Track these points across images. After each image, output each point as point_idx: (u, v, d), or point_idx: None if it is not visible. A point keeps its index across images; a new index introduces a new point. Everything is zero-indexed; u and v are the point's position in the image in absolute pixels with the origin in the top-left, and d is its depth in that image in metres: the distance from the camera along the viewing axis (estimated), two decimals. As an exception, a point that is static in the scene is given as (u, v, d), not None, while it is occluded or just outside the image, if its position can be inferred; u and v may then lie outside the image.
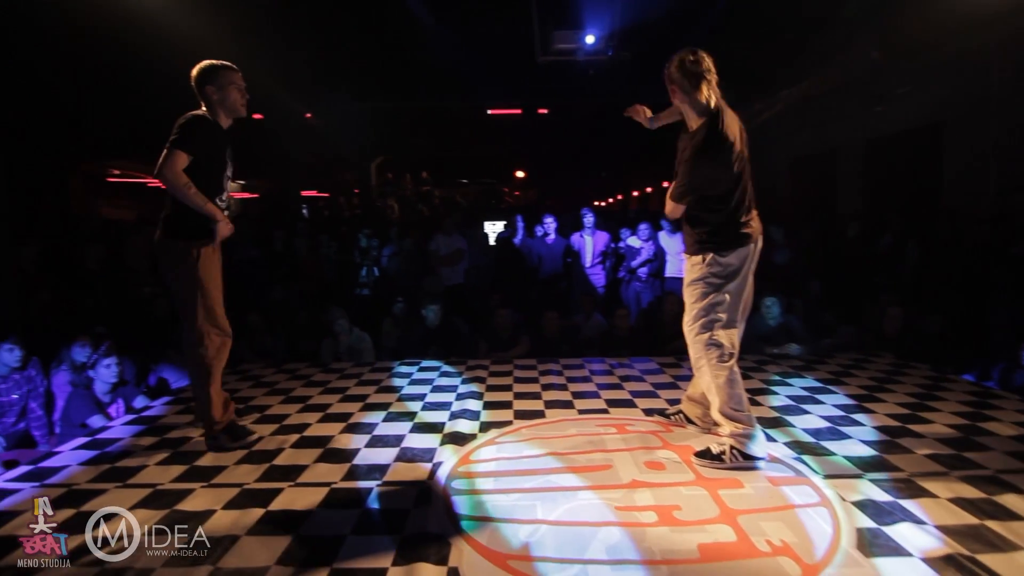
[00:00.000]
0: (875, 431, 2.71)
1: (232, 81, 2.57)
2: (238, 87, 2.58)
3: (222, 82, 2.54)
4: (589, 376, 3.77)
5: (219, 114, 2.58)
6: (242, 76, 2.61)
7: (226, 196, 2.67)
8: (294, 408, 3.16)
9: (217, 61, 2.56)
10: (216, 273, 2.60)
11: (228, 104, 2.56)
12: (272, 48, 7.10)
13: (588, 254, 6.29)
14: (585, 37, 5.68)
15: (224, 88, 2.55)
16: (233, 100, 2.57)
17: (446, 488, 2.16)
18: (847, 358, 4.15)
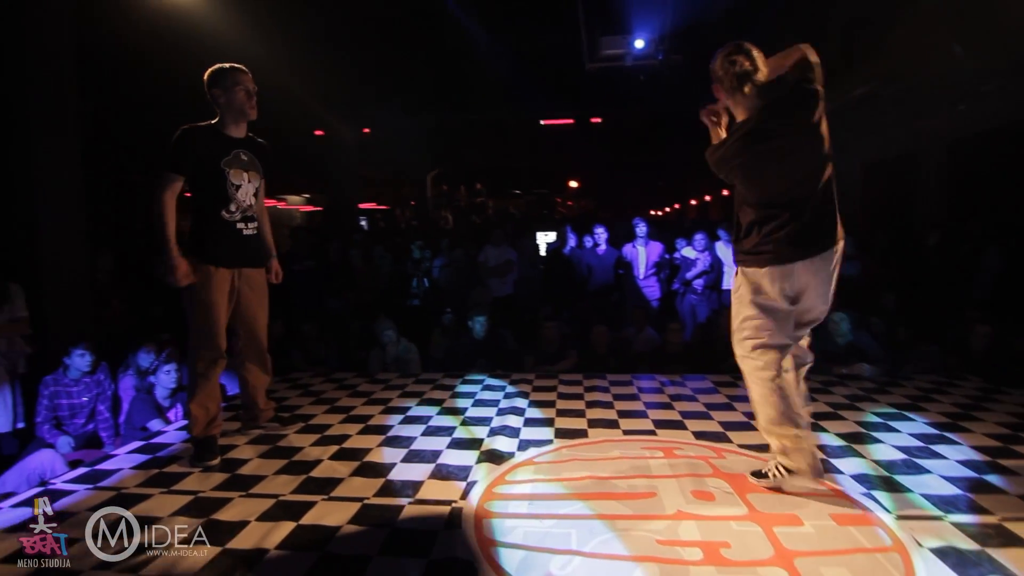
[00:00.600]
0: (959, 465, 2.42)
1: (238, 82, 2.52)
2: (245, 88, 2.54)
3: (228, 83, 2.51)
4: (637, 394, 3.60)
5: (227, 118, 2.55)
6: (252, 78, 2.57)
7: (235, 207, 2.58)
8: (337, 418, 3.18)
9: (226, 64, 2.54)
10: (219, 296, 2.55)
11: (234, 106, 2.53)
12: (331, 66, 7.38)
13: (641, 265, 6.10)
14: (634, 42, 5.53)
15: (230, 90, 2.51)
16: (240, 101, 2.53)
17: (478, 510, 2.08)
18: (927, 381, 3.78)
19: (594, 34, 5.66)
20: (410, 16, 6.31)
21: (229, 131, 2.58)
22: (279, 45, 6.08)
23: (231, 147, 2.57)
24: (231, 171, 2.55)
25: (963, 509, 2.04)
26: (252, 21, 5.76)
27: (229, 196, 2.55)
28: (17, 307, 3.65)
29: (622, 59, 5.71)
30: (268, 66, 6.60)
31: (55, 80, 4.11)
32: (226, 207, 2.55)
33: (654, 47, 5.59)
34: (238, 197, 2.58)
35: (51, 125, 4.08)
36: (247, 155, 2.62)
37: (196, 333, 2.55)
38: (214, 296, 2.53)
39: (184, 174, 2.46)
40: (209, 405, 2.62)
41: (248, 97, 2.55)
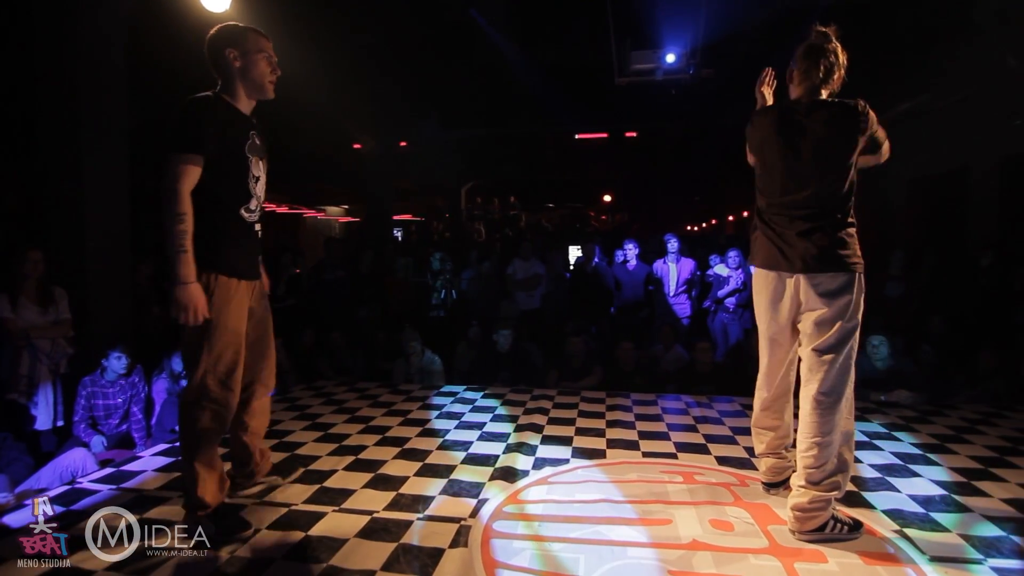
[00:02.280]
0: (1004, 504, 2.25)
1: (262, 48, 1.99)
2: (268, 58, 2.00)
3: (249, 47, 1.96)
4: (661, 414, 3.51)
5: (238, 90, 1.98)
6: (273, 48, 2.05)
7: (255, 205, 2.03)
8: (355, 428, 3.20)
9: (241, 23, 2.02)
10: (242, 319, 2.00)
11: (253, 76, 1.97)
12: (369, 81, 7.58)
13: (672, 282, 5.97)
14: (665, 56, 5.47)
15: (250, 55, 1.96)
16: (261, 72, 1.98)
17: (487, 529, 2.04)
18: (974, 411, 3.55)
19: (624, 48, 5.64)
20: (446, 32, 6.43)
21: (241, 107, 2.00)
22: (320, 60, 6.28)
23: (247, 127, 2.01)
24: (252, 159, 1.99)
25: (1007, 554, 1.89)
26: (293, 36, 5.96)
27: (250, 191, 2.00)
28: (61, 309, 3.82)
29: (653, 73, 5.65)
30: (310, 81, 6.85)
31: (106, 93, 4.32)
32: (247, 204, 1.99)
33: (685, 61, 5.52)
34: (257, 192, 2.04)
35: (101, 135, 4.28)
36: (260, 139, 2.06)
37: (205, 371, 1.91)
38: (236, 320, 1.95)
39: (205, 156, 1.84)
40: (217, 464, 2.03)
41: (272, 70, 2.02)
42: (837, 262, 1.93)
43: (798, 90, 2.11)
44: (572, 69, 6.89)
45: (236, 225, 1.98)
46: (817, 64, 2.03)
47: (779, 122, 2.05)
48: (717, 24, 4.87)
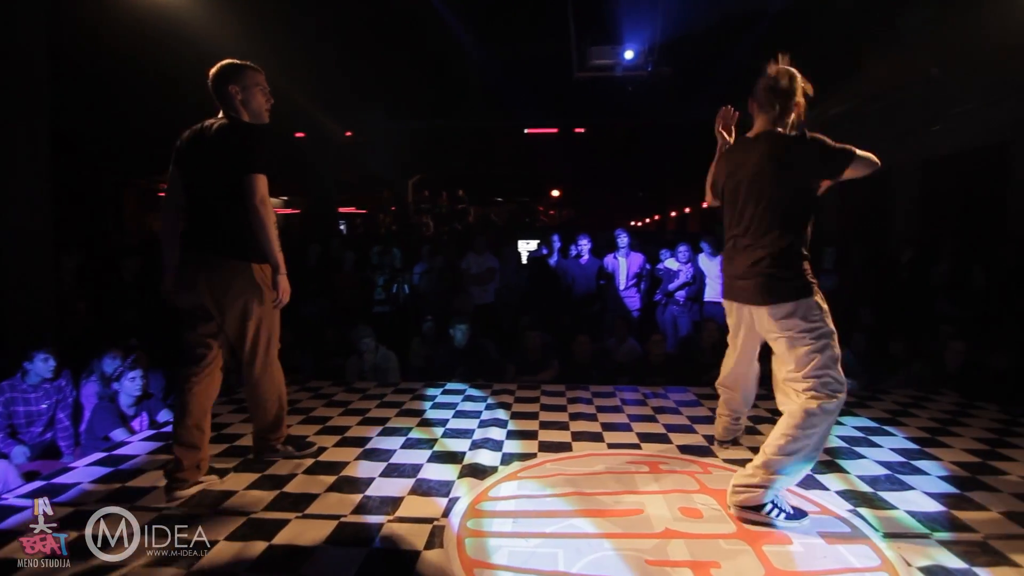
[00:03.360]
0: (941, 481, 2.43)
1: (258, 82, 2.36)
2: (263, 89, 2.38)
3: (248, 82, 2.33)
4: (620, 406, 3.57)
5: (242, 117, 2.35)
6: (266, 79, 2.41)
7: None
8: (312, 429, 3.07)
9: (239, 61, 2.36)
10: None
11: (253, 107, 2.34)
12: (312, 68, 7.27)
13: (622, 276, 6.09)
14: (624, 53, 5.56)
15: (249, 89, 2.33)
16: (259, 103, 2.36)
17: (460, 528, 2.00)
18: (905, 395, 3.82)
19: (584, 44, 5.67)
20: (396, 19, 6.25)
21: None
22: (259, 43, 5.96)
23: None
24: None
25: (948, 527, 2.04)
26: (231, 19, 5.63)
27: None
28: (-27, 309, 3.46)
29: (612, 69, 5.72)
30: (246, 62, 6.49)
31: (24, 79, 3.94)
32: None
33: (643, 58, 5.62)
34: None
35: (18, 123, 3.90)
36: None
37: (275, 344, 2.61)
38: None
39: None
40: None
41: (267, 99, 2.40)
42: (776, 293, 2.07)
43: (756, 124, 2.23)
44: (529, 62, 6.86)
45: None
46: (772, 103, 2.16)
47: (728, 161, 2.25)
48: (675, 23, 4.99)
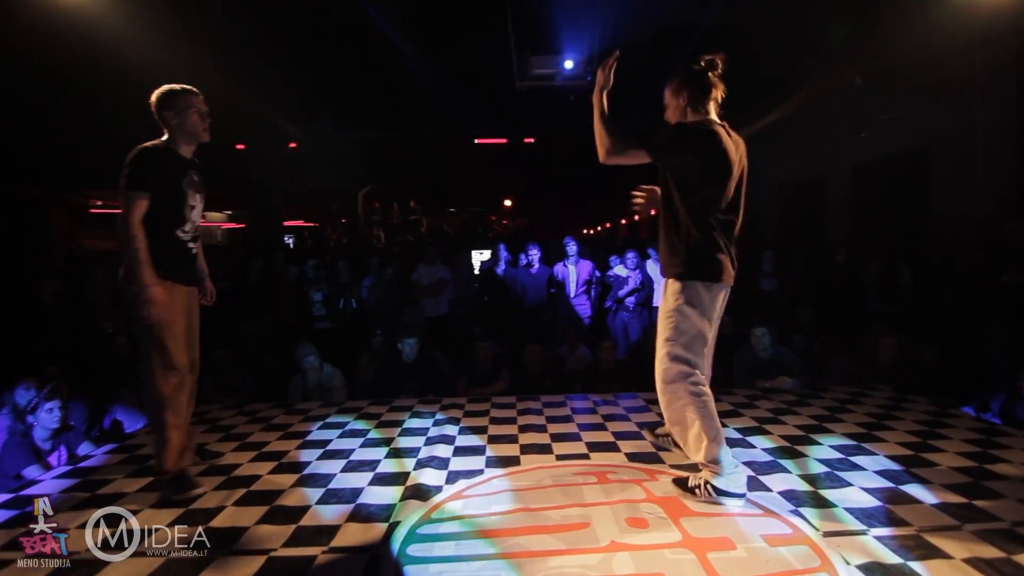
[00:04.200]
0: (877, 476, 2.49)
1: (191, 105, 2.49)
2: (198, 111, 2.50)
3: (181, 106, 2.47)
4: (571, 415, 3.54)
5: (179, 140, 2.50)
6: (203, 100, 2.53)
7: (190, 227, 2.55)
8: (246, 456, 2.90)
9: (177, 85, 2.49)
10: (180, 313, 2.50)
11: (187, 129, 2.49)
12: (250, 77, 7.02)
13: (572, 284, 6.11)
14: (563, 62, 5.63)
15: (183, 112, 2.47)
16: (193, 125, 2.49)
17: (399, 555, 1.90)
18: (843, 392, 3.95)
19: (524, 53, 5.70)
20: (337, 28, 6.11)
21: (182, 152, 2.54)
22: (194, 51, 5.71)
23: (185, 168, 2.54)
24: (188, 192, 2.51)
25: (884, 522, 2.08)
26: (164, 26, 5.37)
27: (185, 216, 2.52)
28: None
29: (552, 79, 5.78)
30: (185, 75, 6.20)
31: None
32: (182, 227, 2.51)
33: (583, 68, 5.70)
34: (192, 217, 2.56)
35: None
36: (197, 175, 2.60)
37: (158, 356, 2.41)
38: (176, 313, 2.47)
39: (151, 193, 2.37)
40: (182, 426, 2.50)
41: (201, 119, 2.51)
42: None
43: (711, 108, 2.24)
44: (471, 73, 6.85)
45: (173, 243, 2.50)
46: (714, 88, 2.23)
47: (725, 138, 2.18)
48: (613, 33, 5.08)
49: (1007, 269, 4.72)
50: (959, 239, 5.54)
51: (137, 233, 2.33)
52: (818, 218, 8.58)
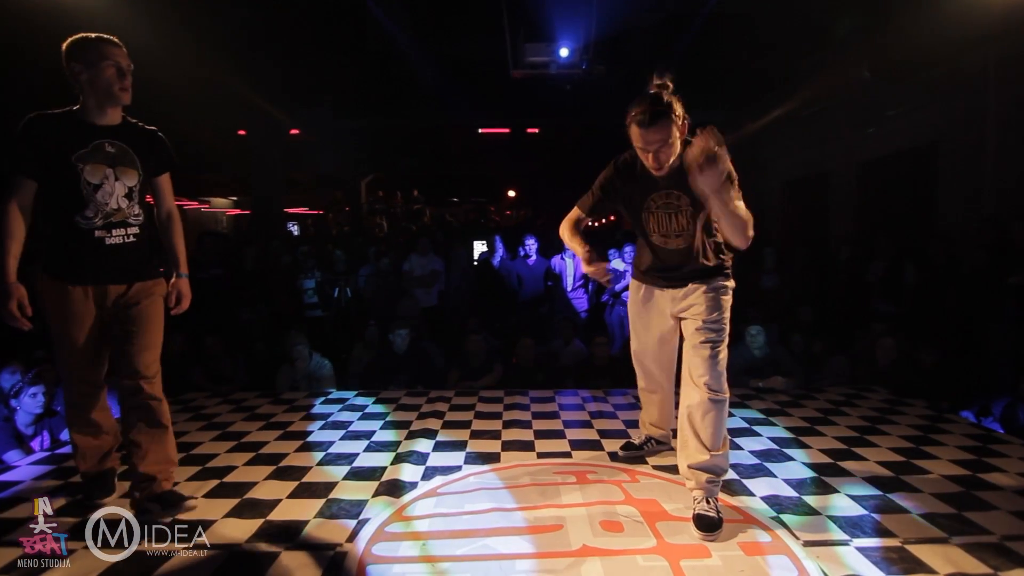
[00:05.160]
0: (866, 484, 2.41)
1: (106, 56, 2.03)
2: (115, 65, 2.04)
3: (92, 57, 2.01)
4: (558, 411, 3.47)
5: (89, 101, 2.06)
6: (126, 54, 2.08)
7: (94, 213, 2.06)
8: (224, 447, 2.86)
9: (92, 34, 2.05)
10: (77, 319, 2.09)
11: (99, 86, 2.02)
12: (255, 63, 6.95)
13: (569, 277, 6.03)
14: (559, 50, 5.50)
15: (95, 65, 2.01)
16: (106, 81, 2.02)
17: (364, 554, 1.86)
18: (838, 393, 3.86)
19: (518, 41, 5.58)
20: (337, 17, 6.01)
21: (92, 118, 2.08)
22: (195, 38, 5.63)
23: (90, 137, 2.06)
24: (87, 167, 2.05)
25: (868, 532, 2.01)
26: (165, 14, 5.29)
27: (84, 198, 2.05)
28: None
29: (547, 67, 5.66)
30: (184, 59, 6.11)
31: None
32: (80, 212, 2.05)
33: (578, 56, 5.57)
34: (97, 199, 2.06)
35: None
36: (116, 146, 2.10)
37: (61, 362, 2.18)
38: (69, 319, 2.09)
39: (30, 174, 2.01)
40: (94, 433, 2.25)
41: (119, 76, 2.05)
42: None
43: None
44: (468, 61, 6.73)
45: (70, 233, 2.06)
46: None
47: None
48: (609, 21, 4.95)
49: (1014, 270, 4.60)
50: (966, 238, 5.41)
51: (4, 221, 1.97)
52: (822, 215, 8.42)
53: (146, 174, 2.18)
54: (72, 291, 2.07)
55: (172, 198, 2.30)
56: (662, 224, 2.21)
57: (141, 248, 2.19)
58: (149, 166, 2.19)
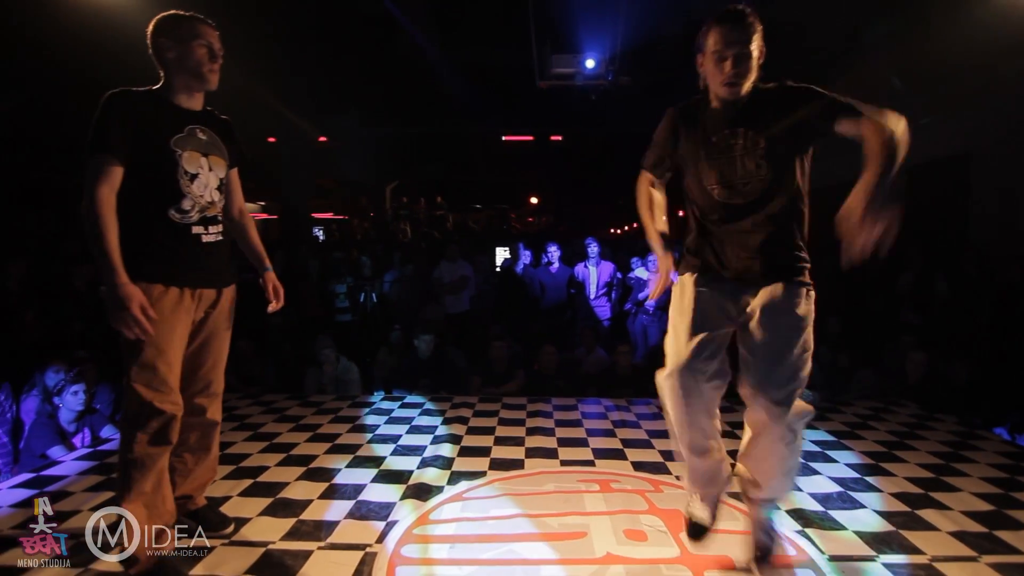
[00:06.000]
0: (893, 499, 2.39)
1: (199, 35, 1.84)
2: (207, 45, 1.85)
3: (183, 34, 1.82)
4: (581, 420, 3.50)
5: (177, 84, 1.86)
6: (219, 36, 1.89)
7: (191, 206, 1.83)
8: (256, 447, 2.95)
9: (185, 12, 1.87)
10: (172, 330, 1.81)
11: (189, 66, 1.83)
12: (285, 72, 7.16)
13: (592, 285, 6.05)
14: (585, 61, 5.56)
15: (186, 43, 1.82)
16: (197, 61, 1.83)
17: (393, 555, 1.91)
18: (866, 407, 3.81)
19: (545, 52, 5.65)
20: (361, 25, 6.17)
21: (179, 101, 1.87)
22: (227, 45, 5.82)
23: (183, 121, 1.85)
24: (184, 154, 1.82)
25: (895, 548, 2.00)
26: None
27: (181, 189, 1.82)
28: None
29: (573, 78, 5.71)
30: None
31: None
32: (176, 204, 1.81)
33: (604, 68, 5.61)
34: (194, 191, 1.84)
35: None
36: (207, 133, 1.91)
37: (140, 383, 1.75)
38: (162, 326, 1.75)
39: (122, 159, 1.72)
40: (157, 504, 1.81)
41: (211, 58, 1.86)
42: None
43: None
44: (494, 70, 6.83)
45: (164, 229, 1.82)
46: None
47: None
48: (635, 32, 4.98)
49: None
50: (999, 250, 5.29)
51: (103, 213, 1.68)
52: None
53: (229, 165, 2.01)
54: (167, 293, 1.79)
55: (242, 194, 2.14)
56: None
57: (228, 248, 2.01)
58: (233, 157, 2.02)
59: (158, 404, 1.75)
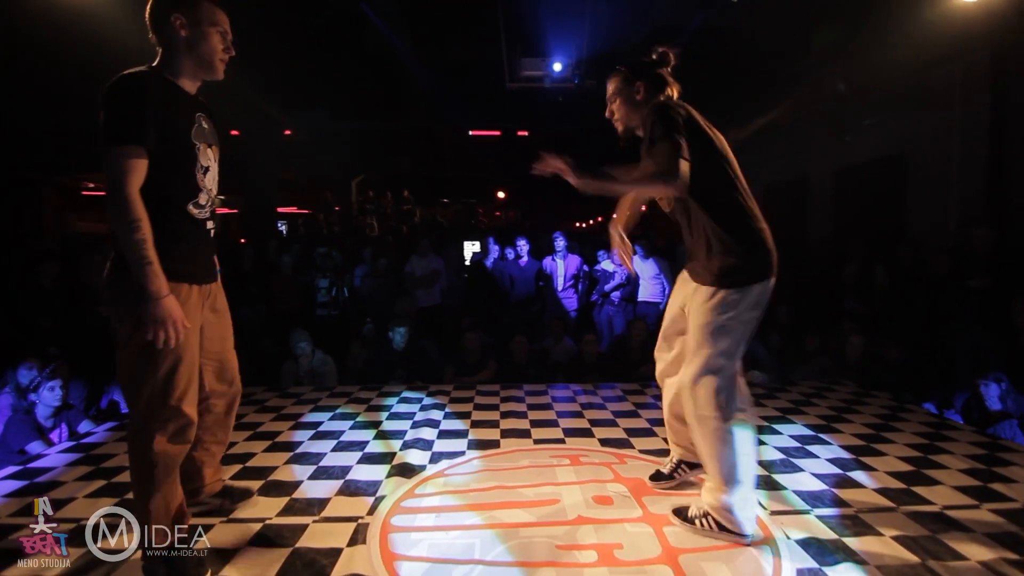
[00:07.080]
0: (829, 463, 2.70)
1: (216, 22, 1.74)
2: (223, 32, 1.75)
3: (199, 16, 1.70)
4: (551, 403, 3.72)
5: (182, 65, 1.72)
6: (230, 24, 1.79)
7: (206, 200, 1.77)
8: (241, 436, 3.06)
9: None
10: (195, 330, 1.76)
11: (202, 52, 1.71)
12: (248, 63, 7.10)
13: (560, 278, 6.29)
14: (552, 65, 5.78)
15: (201, 27, 1.70)
16: (211, 48, 1.72)
17: (384, 524, 2.09)
18: (809, 386, 4.16)
19: (514, 55, 5.84)
20: (332, 20, 6.21)
21: (183, 85, 1.75)
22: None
23: (193, 109, 1.75)
24: (199, 145, 1.74)
25: (827, 503, 2.28)
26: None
27: (198, 183, 1.74)
28: None
29: (541, 80, 5.92)
30: None
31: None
32: (195, 199, 1.73)
33: (571, 71, 5.85)
34: (207, 184, 1.77)
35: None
36: (208, 122, 1.82)
37: (154, 392, 1.65)
38: (190, 330, 1.71)
39: (148, 147, 1.59)
40: (172, 503, 1.76)
41: (225, 47, 1.76)
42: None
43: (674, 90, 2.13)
44: (464, 68, 6.97)
45: (186, 225, 1.74)
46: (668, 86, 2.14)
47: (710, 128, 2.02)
48: (600, 37, 5.22)
49: (975, 274, 4.94)
50: (932, 243, 5.76)
51: (141, 214, 1.55)
52: (801, 218, 8.80)
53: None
54: (192, 292, 1.75)
55: None
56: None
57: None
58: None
59: (178, 405, 1.70)
